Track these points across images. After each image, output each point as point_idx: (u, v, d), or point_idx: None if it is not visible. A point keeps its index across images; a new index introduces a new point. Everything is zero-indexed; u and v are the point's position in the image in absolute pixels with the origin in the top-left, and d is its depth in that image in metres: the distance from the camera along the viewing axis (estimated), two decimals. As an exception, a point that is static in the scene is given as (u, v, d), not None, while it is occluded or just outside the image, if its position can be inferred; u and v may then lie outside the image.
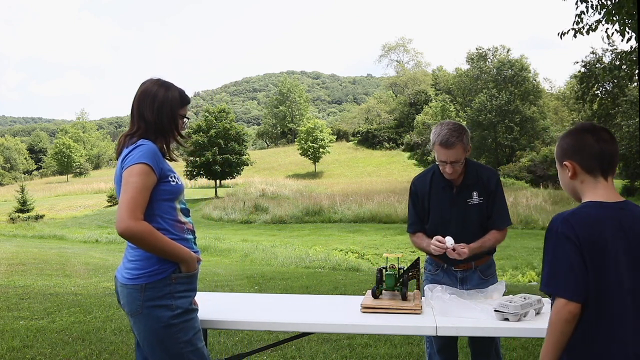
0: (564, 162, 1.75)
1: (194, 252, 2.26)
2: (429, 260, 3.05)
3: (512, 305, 2.34)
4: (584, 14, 6.91)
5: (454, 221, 2.86)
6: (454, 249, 2.73)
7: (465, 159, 2.84)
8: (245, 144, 37.34)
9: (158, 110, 2.21)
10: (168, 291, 2.12)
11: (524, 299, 2.41)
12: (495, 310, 2.38)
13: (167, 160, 2.24)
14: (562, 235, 1.63)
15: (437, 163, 2.84)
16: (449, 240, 2.73)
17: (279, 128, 67.74)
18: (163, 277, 2.12)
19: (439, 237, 2.77)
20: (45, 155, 69.30)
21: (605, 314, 1.62)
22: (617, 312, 1.62)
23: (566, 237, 1.62)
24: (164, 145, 2.24)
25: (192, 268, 2.20)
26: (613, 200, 1.69)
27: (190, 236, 2.29)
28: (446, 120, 3.00)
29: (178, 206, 2.22)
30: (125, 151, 2.15)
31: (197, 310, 2.26)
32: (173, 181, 2.18)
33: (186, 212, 2.29)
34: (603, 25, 6.79)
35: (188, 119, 2.37)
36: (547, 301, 2.65)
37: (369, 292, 2.66)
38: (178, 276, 2.15)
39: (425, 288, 2.70)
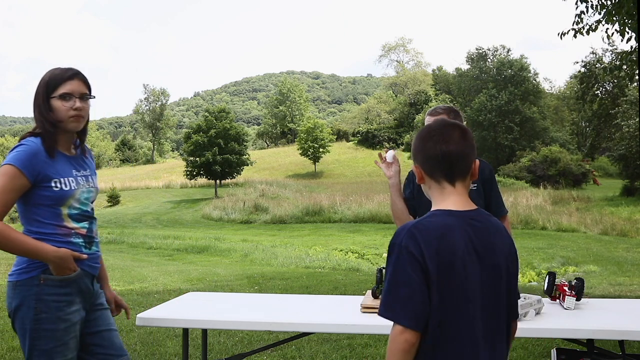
0: (414, 166, 1.57)
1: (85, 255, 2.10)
2: None
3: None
4: (584, 14, 6.90)
5: None
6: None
7: None
8: (245, 144, 37.30)
9: (34, 102, 2.08)
10: (34, 292, 1.99)
11: (524, 299, 2.41)
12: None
13: (58, 161, 2.06)
14: (405, 249, 1.41)
15: None
16: (390, 154, 2.82)
17: (279, 128, 67.72)
18: (30, 276, 2.01)
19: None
20: (45, 155, 69.27)
21: (447, 342, 1.40)
22: (463, 339, 1.41)
23: (408, 252, 1.40)
24: (51, 142, 2.04)
25: (63, 272, 2.01)
26: (463, 209, 1.48)
27: (79, 240, 2.10)
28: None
29: (65, 211, 2.06)
30: None
31: (70, 322, 2.03)
32: (57, 187, 2.03)
33: (79, 218, 2.12)
34: (603, 25, 6.78)
35: (79, 96, 2.08)
36: (547, 301, 2.66)
37: (369, 292, 2.66)
38: (47, 277, 2.00)
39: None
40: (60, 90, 2.05)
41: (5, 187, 1.96)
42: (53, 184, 2.03)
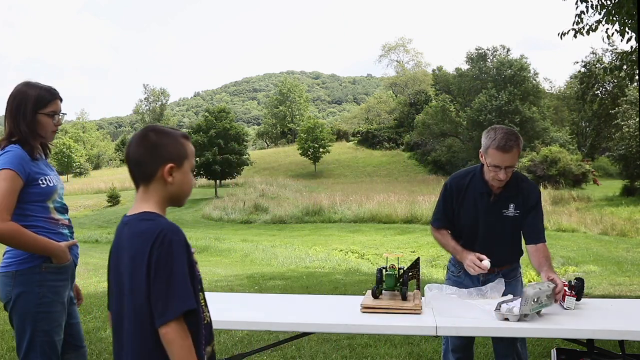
0: None
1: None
2: (452, 261, 3.02)
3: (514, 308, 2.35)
4: (584, 14, 6.89)
5: (483, 229, 2.81)
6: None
7: None
8: (245, 144, 37.28)
9: (16, 113, 2.31)
10: (37, 279, 2.25)
11: (537, 299, 2.36)
12: (495, 310, 2.38)
13: (39, 162, 2.34)
14: None
15: (489, 167, 2.70)
16: (487, 263, 2.65)
17: (279, 128, 67.65)
18: (32, 265, 2.25)
19: (479, 256, 2.69)
20: (45, 155, 69.26)
21: None
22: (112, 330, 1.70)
23: None
24: (31, 148, 2.30)
25: (63, 260, 2.33)
26: (131, 213, 1.63)
27: (66, 231, 2.42)
28: (496, 125, 2.86)
29: (51, 205, 2.36)
30: None
31: (63, 304, 2.35)
32: (43, 184, 2.30)
33: (62, 210, 2.43)
34: (603, 25, 6.77)
35: (59, 114, 2.41)
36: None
37: (369, 292, 2.66)
38: (48, 266, 2.28)
39: (425, 288, 2.70)
40: (49, 108, 2.35)
41: (9, 189, 2.19)
42: (40, 182, 2.30)
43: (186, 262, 1.54)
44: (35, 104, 2.31)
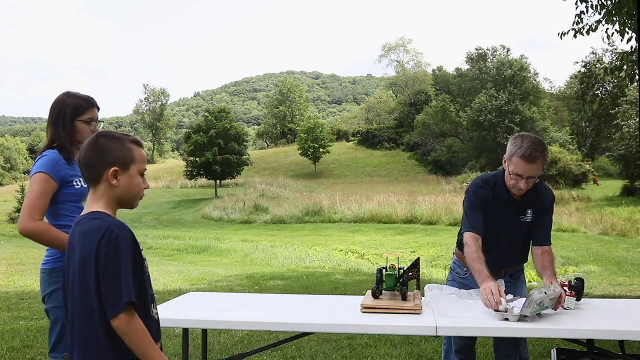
0: None
1: None
2: (457, 262, 3.00)
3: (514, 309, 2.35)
4: (584, 14, 6.89)
5: (504, 235, 2.81)
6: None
7: None
8: (245, 144, 37.28)
9: (56, 120, 2.48)
10: None
11: (540, 302, 2.36)
12: (495, 310, 2.37)
13: (75, 165, 2.45)
14: None
15: (510, 175, 2.67)
16: (504, 304, 2.37)
17: (279, 128, 67.66)
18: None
19: (500, 288, 2.46)
20: (45, 155, 69.17)
21: None
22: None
23: None
24: (68, 152, 2.46)
25: None
26: (83, 213, 1.73)
27: None
28: (523, 132, 2.82)
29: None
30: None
31: None
32: (78, 185, 2.46)
33: None
34: (603, 25, 6.77)
35: (96, 121, 2.57)
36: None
37: (369, 292, 2.66)
38: None
39: (425, 288, 2.69)
40: (86, 116, 2.53)
41: (41, 191, 2.34)
42: (75, 183, 2.45)
43: (130, 258, 1.62)
44: (73, 111, 2.49)
